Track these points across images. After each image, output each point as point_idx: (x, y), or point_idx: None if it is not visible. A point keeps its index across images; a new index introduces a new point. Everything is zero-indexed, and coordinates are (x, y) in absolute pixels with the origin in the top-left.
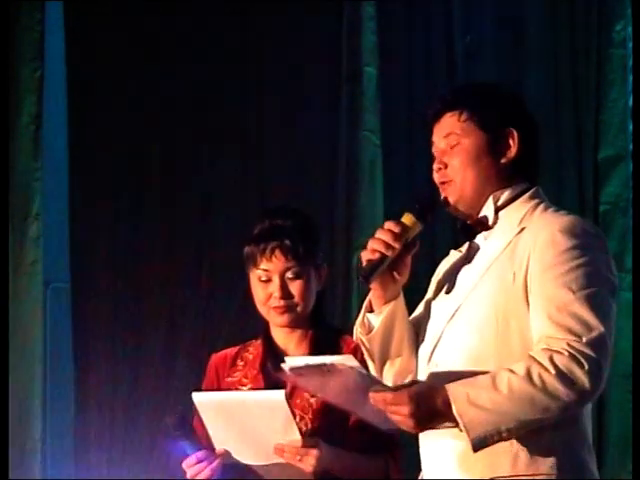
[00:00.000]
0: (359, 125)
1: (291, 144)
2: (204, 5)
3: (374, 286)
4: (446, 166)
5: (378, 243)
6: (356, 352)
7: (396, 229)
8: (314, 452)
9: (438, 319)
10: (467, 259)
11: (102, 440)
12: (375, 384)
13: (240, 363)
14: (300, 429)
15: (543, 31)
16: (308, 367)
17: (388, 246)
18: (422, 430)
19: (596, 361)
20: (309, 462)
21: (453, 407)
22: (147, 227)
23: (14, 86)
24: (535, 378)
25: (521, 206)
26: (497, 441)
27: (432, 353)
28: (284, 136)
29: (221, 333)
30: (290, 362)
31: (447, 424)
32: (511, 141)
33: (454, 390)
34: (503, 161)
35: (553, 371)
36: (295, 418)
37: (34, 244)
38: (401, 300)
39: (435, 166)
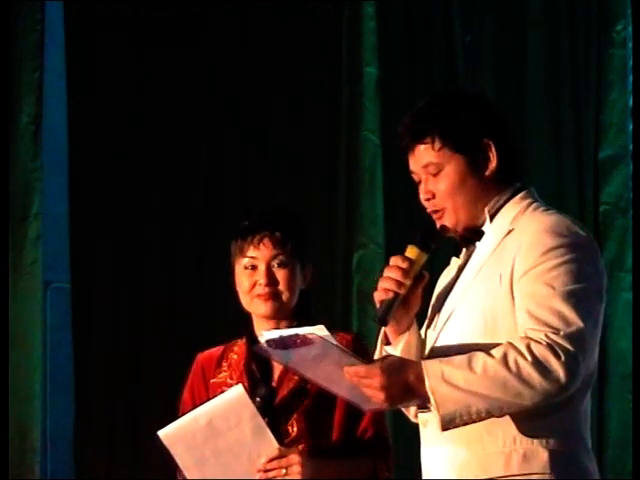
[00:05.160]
0: (359, 125)
1: (291, 144)
2: (204, 5)
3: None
4: (434, 195)
5: (390, 282)
6: None
7: (404, 265)
8: (296, 458)
9: (436, 327)
10: (464, 265)
11: (102, 440)
12: (350, 358)
13: (225, 364)
14: (286, 431)
15: (543, 31)
16: (282, 338)
17: (400, 284)
18: (392, 405)
19: (573, 354)
20: (295, 471)
21: (426, 382)
22: (147, 227)
23: (14, 86)
24: (511, 363)
25: (512, 208)
26: (466, 422)
27: (427, 359)
28: (284, 136)
29: (222, 331)
30: (267, 335)
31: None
32: (490, 153)
33: (429, 366)
34: (487, 174)
35: (529, 358)
36: (282, 421)
37: (34, 244)
38: (415, 328)
39: (422, 196)
